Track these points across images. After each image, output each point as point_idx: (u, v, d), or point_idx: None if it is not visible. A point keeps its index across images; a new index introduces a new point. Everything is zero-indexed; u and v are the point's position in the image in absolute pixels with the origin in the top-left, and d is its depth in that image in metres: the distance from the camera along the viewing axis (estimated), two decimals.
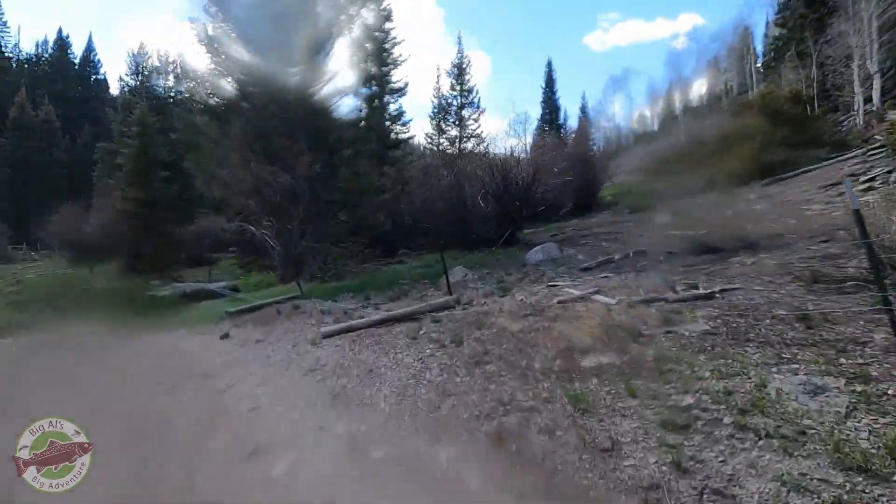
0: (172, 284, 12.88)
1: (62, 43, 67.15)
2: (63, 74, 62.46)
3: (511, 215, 14.85)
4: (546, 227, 19.65)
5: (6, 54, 62.69)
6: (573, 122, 46.34)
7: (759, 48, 40.18)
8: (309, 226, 12.59)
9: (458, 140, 30.82)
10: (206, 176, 12.74)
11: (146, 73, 31.71)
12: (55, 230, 28.52)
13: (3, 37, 63.22)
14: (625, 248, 10.73)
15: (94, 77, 63.94)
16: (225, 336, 7.63)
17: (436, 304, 7.29)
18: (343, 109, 14.26)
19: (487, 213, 15.50)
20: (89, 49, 66.23)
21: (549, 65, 51.75)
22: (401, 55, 20.59)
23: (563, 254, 11.60)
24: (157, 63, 37.08)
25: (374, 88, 20.42)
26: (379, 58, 20.30)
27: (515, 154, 21.26)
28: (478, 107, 31.19)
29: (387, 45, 21.94)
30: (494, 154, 18.58)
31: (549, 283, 8.00)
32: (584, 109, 49.97)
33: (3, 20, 63.41)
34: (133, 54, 37.89)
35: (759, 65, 38.17)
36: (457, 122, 31.29)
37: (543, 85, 46.73)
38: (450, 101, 31.80)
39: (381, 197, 15.22)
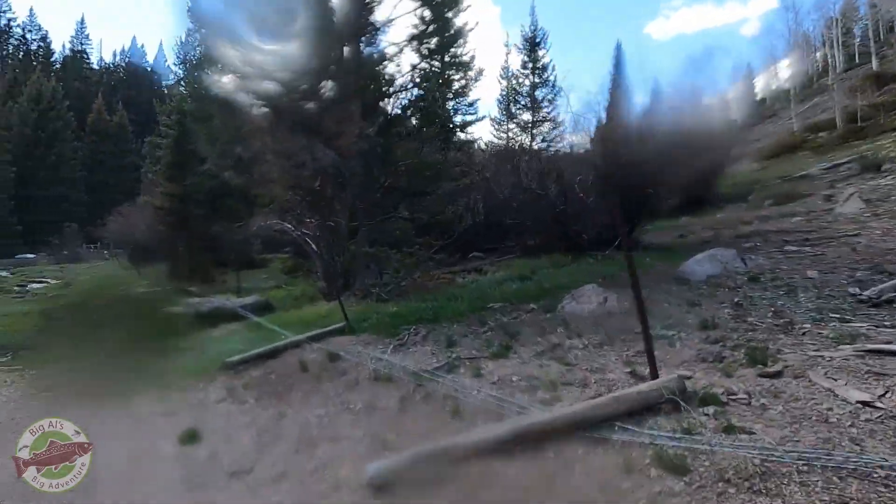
0: (187, 300, 9.89)
1: (135, 51, 70.38)
2: (136, 81, 64.86)
3: (629, 209, 10.70)
4: (652, 226, 14.77)
5: (90, 65, 66.35)
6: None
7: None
8: (360, 223, 9.27)
9: (530, 125, 26.65)
10: (221, 156, 9.80)
11: (193, 61, 30.17)
12: (113, 230, 28.06)
13: (86, 49, 67.11)
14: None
15: (164, 82, 65.80)
16: (190, 438, 4.05)
17: (626, 395, 3.39)
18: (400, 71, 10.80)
19: (591, 206, 11.40)
20: (161, 56, 68.59)
21: (618, 48, 45.96)
22: (466, 24, 16.60)
23: (747, 266, 7.35)
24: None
25: (434, 62, 16.68)
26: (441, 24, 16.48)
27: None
28: (553, 86, 26.81)
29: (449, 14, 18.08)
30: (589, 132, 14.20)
31: (859, 347, 3.93)
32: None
33: (86, 34, 67.37)
34: (181, 42, 36.81)
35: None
36: (529, 105, 27.11)
37: (612, 70, 41.09)
38: (521, 80, 27.66)
39: (453, 184, 11.54)
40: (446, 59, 16.48)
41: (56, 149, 43.59)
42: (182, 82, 27.40)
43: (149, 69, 67.36)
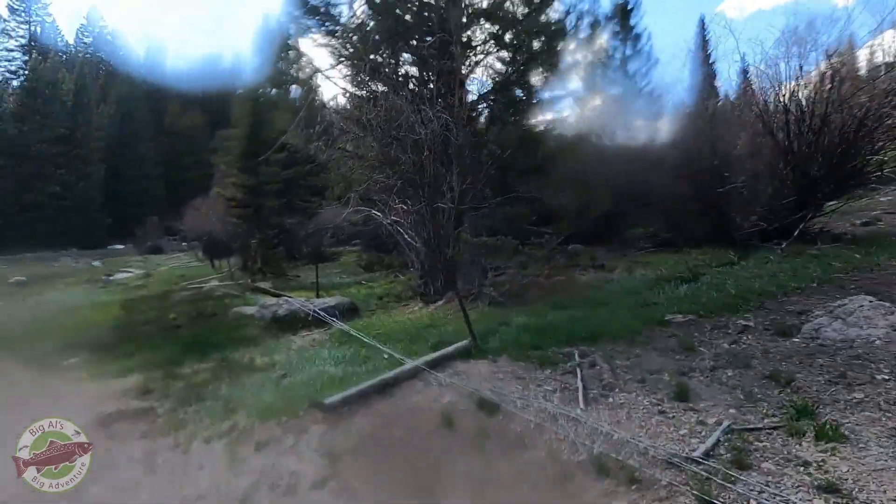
0: (262, 300, 8.44)
1: (212, 55, 73.42)
2: (211, 83, 67.45)
3: (814, 189, 8.06)
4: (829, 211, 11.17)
5: (166, 70, 70.05)
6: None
7: None
8: (468, 207, 7.37)
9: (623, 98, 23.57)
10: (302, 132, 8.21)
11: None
12: (189, 223, 28.41)
13: (164, 55, 70.88)
14: None
15: (240, 84, 67.92)
16: None
17: None
18: None
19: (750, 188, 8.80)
20: (237, 59, 70.98)
21: (702, 23, 40.70)
22: None
23: None
24: None
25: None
26: None
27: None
28: (649, 56, 23.53)
29: None
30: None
31: None
32: (745, 72, 38.10)
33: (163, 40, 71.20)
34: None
35: None
36: (621, 77, 24.00)
37: (693, 48, 36.22)
38: (610, 53, 24.59)
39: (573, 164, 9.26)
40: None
41: (139, 147, 45.80)
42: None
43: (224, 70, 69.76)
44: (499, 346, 4.94)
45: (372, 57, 8.33)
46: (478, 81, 9.00)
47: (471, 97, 8.57)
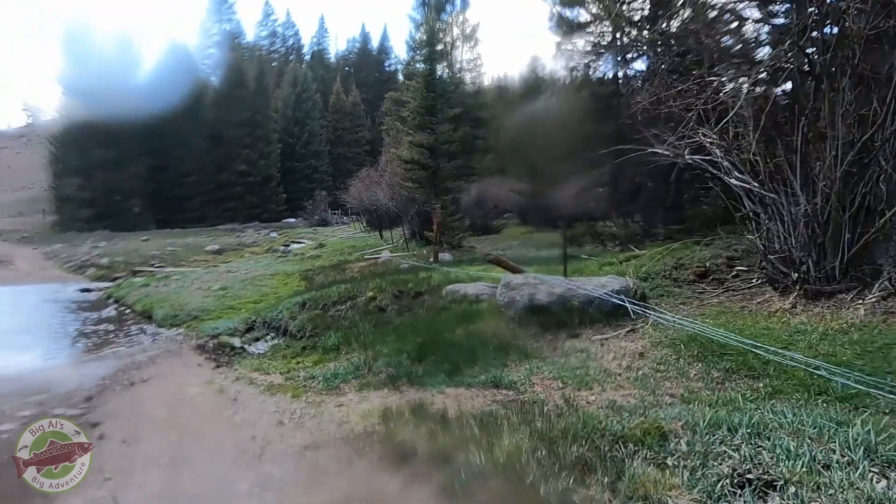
0: (451, 285, 5.88)
1: (364, 37, 76.51)
2: (365, 63, 70.32)
3: None
4: None
5: (328, 55, 74.96)
6: None
7: None
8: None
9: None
10: None
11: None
12: (354, 195, 28.67)
13: (325, 41, 75.83)
14: None
15: (387, 62, 69.83)
16: None
17: None
18: None
19: None
20: (384, 38, 73.15)
21: None
22: None
23: None
24: None
25: None
26: None
27: None
28: None
29: None
30: None
31: None
32: None
33: (325, 28, 76.13)
34: None
35: None
36: None
37: None
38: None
39: None
40: None
41: (308, 126, 49.09)
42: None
43: (374, 52, 72.22)
44: None
45: None
46: None
47: None
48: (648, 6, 11.92)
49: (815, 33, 4.44)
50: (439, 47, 18.26)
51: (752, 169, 4.62)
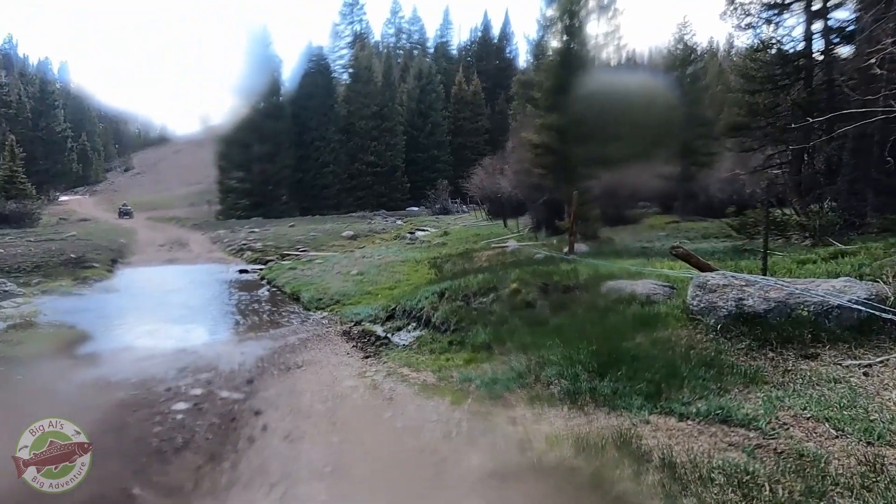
0: (611, 282, 4.85)
1: (486, 25, 75.91)
2: (486, 52, 69.72)
3: None
4: None
5: (451, 47, 75.91)
6: None
7: None
8: None
9: None
10: None
11: None
12: (475, 183, 28.49)
13: (449, 33, 76.79)
14: None
15: (508, 49, 68.45)
16: None
17: None
18: None
19: None
20: (506, 23, 71.60)
21: None
22: None
23: None
24: None
25: None
26: None
27: None
28: None
29: None
30: None
31: None
32: None
33: (448, 21, 77.18)
34: None
35: None
36: None
37: None
38: None
39: None
40: None
41: (431, 117, 50.16)
42: None
43: (495, 39, 71.21)
44: None
45: None
46: None
47: None
48: None
49: None
50: (574, 22, 16.76)
51: None
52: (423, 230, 27.66)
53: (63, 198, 49.74)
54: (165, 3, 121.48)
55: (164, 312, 9.05)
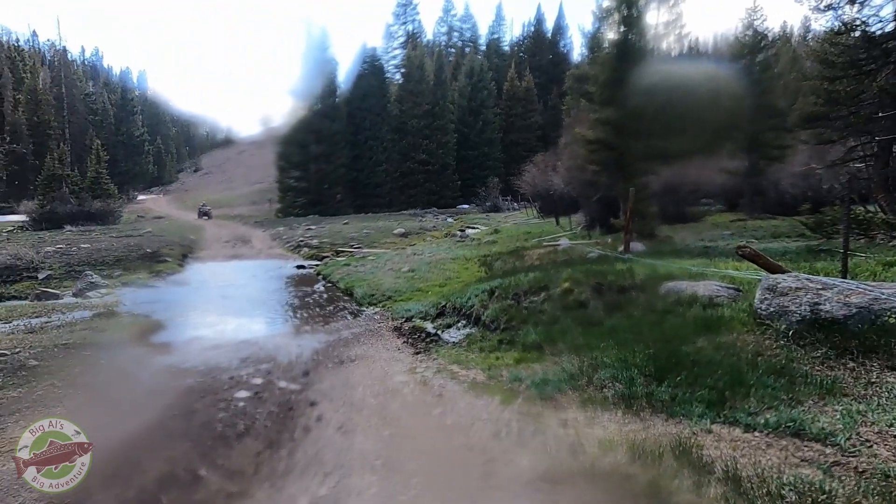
0: (670, 283, 4.56)
1: (539, 19, 74.55)
2: (538, 47, 68.42)
3: None
4: None
5: (503, 43, 75.23)
6: None
7: None
8: None
9: None
10: None
11: None
12: (527, 181, 28.12)
13: (501, 30, 76.15)
14: None
15: (562, 42, 66.87)
16: None
17: None
18: None
19: None
20: (559, 16, 70.00)
21: None
22: None
23: None
24: None
25: None
26: None
27: None
28: None
29: None
30: None
31: None
32: None
33: (501, 17, 76.54)
34: None
35: None
36: None
37: None
38: None
39: None
40: None
41: (482, 115, 49.96)
42: None
43: (548, 34, 69.78)
44: None
45: None
46: None
47: None
48: None
49: None
50: (632, 12, 16.07)
51: None
52: (474, 228, 27.61)
53: (140, 197, 54.09)
54: (231, 12, 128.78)
55: (229, 305, 9.63)
